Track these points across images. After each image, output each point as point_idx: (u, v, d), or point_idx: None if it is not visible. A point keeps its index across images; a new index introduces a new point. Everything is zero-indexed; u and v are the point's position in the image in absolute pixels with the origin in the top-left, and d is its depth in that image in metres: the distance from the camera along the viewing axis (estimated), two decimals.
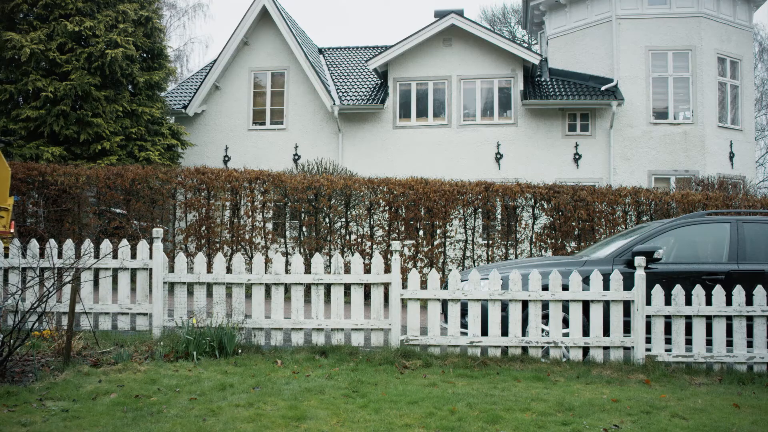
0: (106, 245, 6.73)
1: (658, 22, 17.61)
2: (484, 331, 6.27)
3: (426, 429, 4.06)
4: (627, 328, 6.25)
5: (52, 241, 6.60)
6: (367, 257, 11.75)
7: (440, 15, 18.07)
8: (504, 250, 12.24)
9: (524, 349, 6.29)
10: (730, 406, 4.81)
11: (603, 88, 17.38)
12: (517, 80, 17.81)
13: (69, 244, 6.73)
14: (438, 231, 12.06)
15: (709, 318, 6.19)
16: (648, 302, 6.17)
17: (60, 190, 12.02)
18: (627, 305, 6.22)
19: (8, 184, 10.64)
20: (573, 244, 12.11)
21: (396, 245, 6.35)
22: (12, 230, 10.55)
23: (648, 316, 6.16)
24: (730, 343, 6.22)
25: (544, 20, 20.19)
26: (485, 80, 18.05)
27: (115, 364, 5.46)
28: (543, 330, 6.35)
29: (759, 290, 6.13)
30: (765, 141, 34.79)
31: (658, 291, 6.15)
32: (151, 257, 6.70)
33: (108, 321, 6.82)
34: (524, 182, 12.61)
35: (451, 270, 11.61)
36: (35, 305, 5.31)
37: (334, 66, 20.72)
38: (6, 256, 6.74)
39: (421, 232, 12.07)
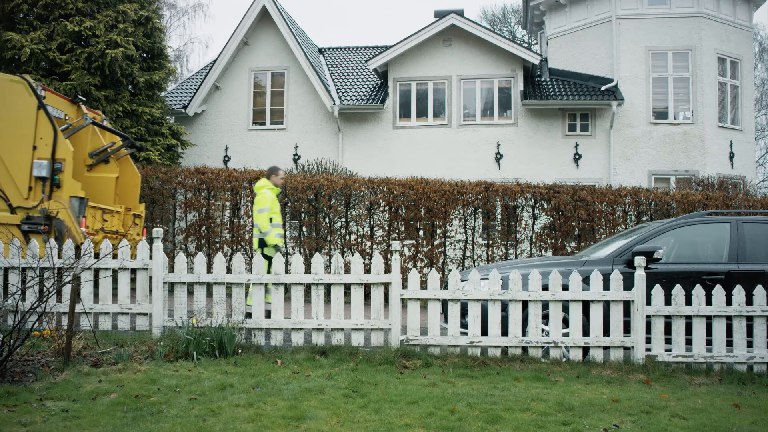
0: (106, 245, 6.74)
1: (658, 22, 17.61)
2: (484, 331, 6.27)
3: (426, 429, 4.06)
4: (627, 328, 6.25)
5: (52, 241, 6.60)
6: (367, 257, 11.75)
7: (440, 15, 18.07)
8: (504, 250, 12.24)
9: (524, 349, 6.29)
10: (730, 406, 4.81)
11: (603, 88, 17.38)
12: (517, 80, 17.81)
13: (69, 244, 6.73)
14: (438, 231, 12.06)
15: (709, 318, 6.19)
16: (648, 302, 6.17)
17: None
18: (627, 305, 6.22)
19: (138, 191, 10.59)
20: (573, 244, 12.11)
21: (396, 245, 6.35)
22: (144, 237, 10.51)
23: (648, 316, 6.16)
24: (730, 343, 6.22)
25: (544, 20, 20.19)
26: (485, 80, 18.05)
27: (115, 364, 5.46)
28: (543, 330, 6.35)
29: (759, 290, 6.13)
30: (765, 141, 34.80)
31: (658, 291, 6.15)
32: (151, 257, 6.70)
33: (108, 321, 6.82)
34: (524, 182, 12.62)
35: (451, 270, 11.61)
36: (35, 305, 5.31)
37: (334, 66, 20.72)
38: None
39: (421, 232, 12.07)
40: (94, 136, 10.27)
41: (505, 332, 6.28)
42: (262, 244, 8.05)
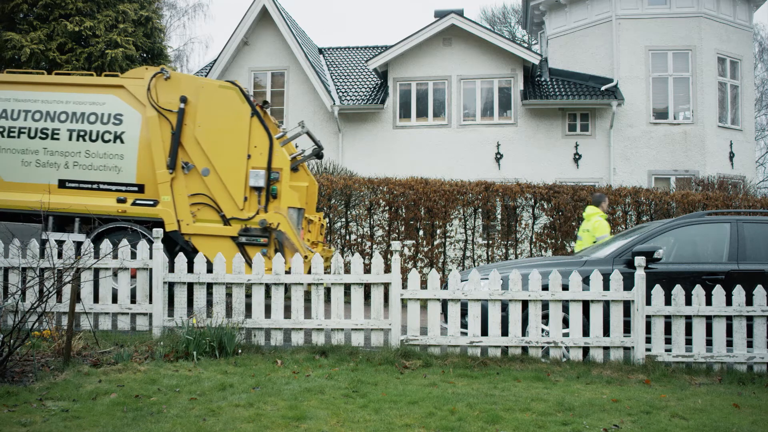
0: (106, 245, 6.74)
1: (658, 22, 17.61)
2: (484, 331, 6.27)
3: (426, 429, 4.06)
4: (627, 328, 6.25)
5: (52, 241, 6.60)
6: (367, 257, 11.74)
7: (440, 15, 18.07)
8: (504, 250, 12.24)
9: (524, 349, 6.29)
10: (730, 406, 4.81)
11: (603, 88, 17.38)
12: (517, 80, 17.81)
13: (69, 244, 6.73)
14: (438, 231, 12.06)
15: (709, 318, 6.19)
16: (648, 302, 6.16)
17: None
18: (627, 305, 6.22)
19: (317, 198, 10.25)
20: (573, 244, 12.10)
21: (396, 245, 6.35)
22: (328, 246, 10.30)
23: (648, 316, 6.16)
24: (730, 343, 6.22)
25: (544, 20, 20.19)
26: (485, 80, 18.04)
27: (115, 364, 5.47)
28: (543, 330, 6.35)
29: (759, 290, 6.13)
30: (765, 141, 34.79)
31: (658, 291, 6.14)
32: (151, 257, 6.70)
33: (108, 321, 6.83)
34: (524, 182, 12.61)
35: (451, 270, 11.61)
36: (35, 305, 5.31)
37: (334, 66, 20.72)
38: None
39: (421, 232, 12.06)
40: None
41: (505, 332, 6.28)
42: None
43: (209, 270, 6.86)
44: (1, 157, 8.91)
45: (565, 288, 6.31)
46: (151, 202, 8.66)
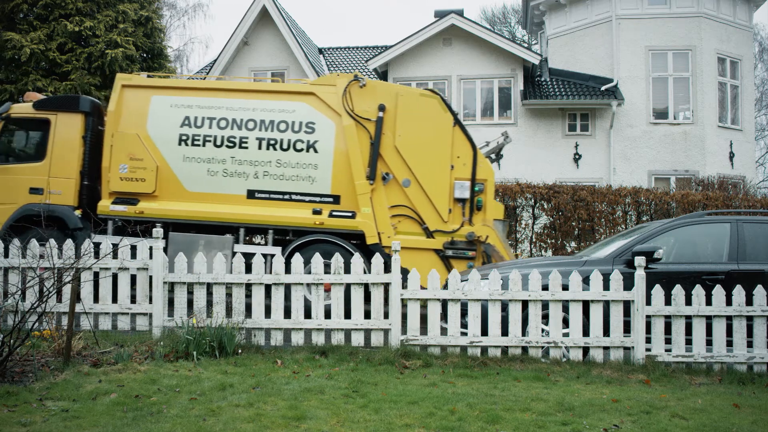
0: (106, 245, 6.73)
1: (658, 22, 17.61)
2: (484, 331, 6.27)
3: (426, 429, 4.06)
4: (627, 328, 6.25)
5: (52, 241, 6.60)
6: None
7: (440, 15, 18.06)
8: None
9: (524, 349, 6.29)
10: (730, 406, 4.81)
11: (603, 88, 17.37)
12: (517, 80, 17.80)
13: (69, 244, 6.73)
14: None
15: (709, 318, 6.19)
16: (648, 302, 6.16)
17: None
18: (627, 305, 6.22)
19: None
20: (573, 244, 12.10)
21: (395, 245, 6.35)
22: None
23: (648, 316, 6.16)
24: (730, 343, 6.22)
25: (544, 20, 20.18)
26: (485, 80, 18.03)
27: (115, 364, 5.47)
28: (543, 330, 6.34)
29: (759, 290, 6.13)
30: (765, 141, 34.78)
31: (658, 291, 6.14)
32: (151, 257, 6.70)
33: (108, 321, 6.83)
34: (524, 182, 12.61)
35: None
36: (35, 305, 5.31)
37: (334, 66, 20.71)
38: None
39: None
40: None
41: (505, 332, 6.27)
42: None
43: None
44: (184, 167, 8.58)
45: (565, 288, 6.30)
46: (349, 214, 8.35)
